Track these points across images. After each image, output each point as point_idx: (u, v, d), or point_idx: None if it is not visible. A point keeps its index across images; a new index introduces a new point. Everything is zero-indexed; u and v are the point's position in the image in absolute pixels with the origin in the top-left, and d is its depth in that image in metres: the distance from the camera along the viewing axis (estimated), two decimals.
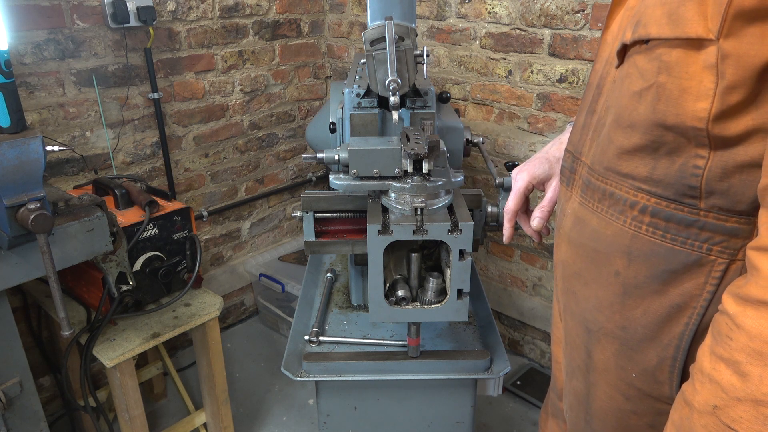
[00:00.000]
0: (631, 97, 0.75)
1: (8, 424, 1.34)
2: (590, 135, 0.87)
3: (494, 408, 2.36)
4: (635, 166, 0.76)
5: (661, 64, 0.69)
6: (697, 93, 0.66)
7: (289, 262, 2.88)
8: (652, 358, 0.80)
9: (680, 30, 0.66)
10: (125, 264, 1.58)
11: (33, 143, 1.14)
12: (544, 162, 1.08)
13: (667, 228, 0.74)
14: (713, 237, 0.71)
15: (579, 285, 0.89)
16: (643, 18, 0.71)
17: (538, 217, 1.08)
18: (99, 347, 1.61)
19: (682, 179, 0.71)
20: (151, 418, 2.22)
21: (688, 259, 0.73)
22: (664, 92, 0.70)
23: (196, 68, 2.36)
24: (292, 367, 1.38)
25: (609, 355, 0.85)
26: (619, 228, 0.79)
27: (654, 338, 0.79)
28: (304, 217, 1.32)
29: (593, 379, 0.90)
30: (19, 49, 1.83)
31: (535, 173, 1.08)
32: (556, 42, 2.08)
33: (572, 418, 1.00)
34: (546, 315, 2.46)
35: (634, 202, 0.77)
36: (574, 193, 0.91)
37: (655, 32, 0.69)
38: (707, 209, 0.71)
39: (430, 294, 1.18)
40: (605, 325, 0.85)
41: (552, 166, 1.07)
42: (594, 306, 0.86)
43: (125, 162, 2.23)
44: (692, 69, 0.66)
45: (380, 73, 1.19)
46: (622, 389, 0.85)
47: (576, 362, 0.94)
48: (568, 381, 0.99)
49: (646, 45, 0.72)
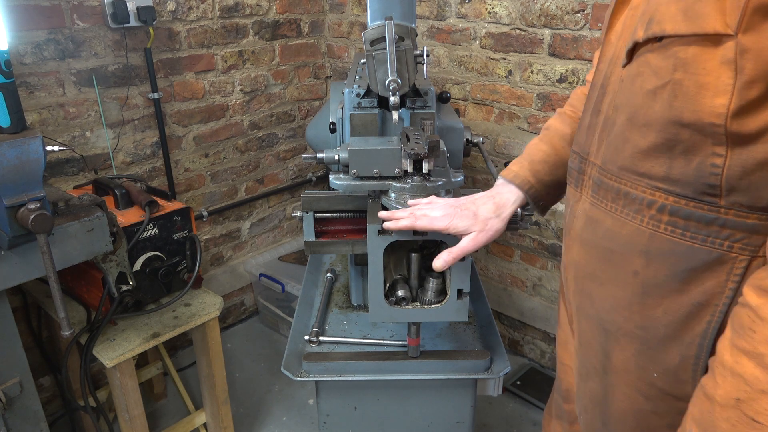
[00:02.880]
0: (645, 96, 0.74)
1: (8, 424, 1.34)
2: (597, 135, 0.87)
3: (494, 408, 2.36)
4: (651, 166, 0.76)
5: (677, 61, 0.69)
6: (715, 89, 0.66)
7: (289, 262, 2.88)
8: (674, 357, 0.79)
9: (697, 26, 0.66)
10: (125, 264, 1.58)
11: (33, 143, 1.14)
12: (470, 218, 1.03)
13: (687, 226, 0.74)
14: (734, 234, 0.70)
15: (594, 286, 0.88)
16: (657, 15, 0.71)
17: (443, 259, 1.04)
18: (99, 347, 1.61)
19: (701, 178, 0.71)
20: (151, 418, 2.22)
21: (708, 257, 0.73)
22: (680, 89, 0.69)
23: (196, 68, 2.36)
24: (292, 367, 1.38)
25: (628, 355, 0.84)
26: (636, 227, 0.79)
27: (676, 337, 0.78)
28: (304, 217, 1.32)
29: (611, 380, 0.89)
30: (19, 49, 1.83)
31: (457, 226, 1.02)
32: (556, 42, 2.08)
33: (587, 420, 0.98)
34: (546, 315, 2.46)
35: (652, 201, 0.76)
36: (583, 194, 0.91)
37: (670, 29, 0.69)
38: (727, 206, 0.70)
39: (430, 294, 1.18)
40: (624, 326, 0.84)
41: (474, 224, 1.03)
42: (611, 306, 0.85)
43: (125, 162, 2.23)
44: (709, 65, 0.66)
45: (380, 73, 1.19)
46: (642, 390, 0.85)
47: (591, 363, 0.93)
48: (583, 383, 0.97)
49: (659, 42, 0.71)
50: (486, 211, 1.05)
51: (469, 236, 1.03)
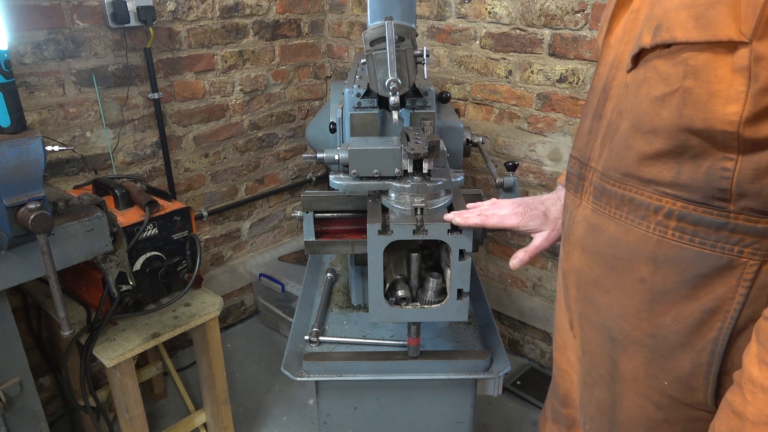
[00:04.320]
0: (652, 102, 0.73)
1: (8, 424, 1.34)
2: (599, 140, 0.86)
3: (494, 408, 2.36)
4: (658, 171, 0.75)
5: (687, 68, 0.68)
6: (727, 96, 0.65)
7: (289, 262, 2.88)
8: (686, 365, 0.78)
9: (710, 33, 0.65)
10: (125, 264, 1.58)
11: (33, 143, 1.14)
12: (540, 217, 1.08)
13: (696, 232, 0.73)
14: (744, 239, 0.70)
15: (598, 293, 0.87)
16: (666, 21, 0.70)
17: (519, 258, 1.08)
18: (99, 347, 1.61)
19: (711, 182, 0.70)
20: (151, 418, 2.22)
21: (718, 263, 0.72)
22: (690, 96, 0.68)
23: (196, 68, 2.36)
24: (292, 367, 1.38)
25: (638, 363, 0.83)
26: (642, 234, 0.78)
27: (687, 344, 0.77)
28: (304, 217, 1.32)
29: (619, 389, 0.88)
30: (19, 49, 1.83)
31: (528, 225, 1.08)
32: (556, 42, 2.08)
33: (594, 429, 0.97)
34: (546, 315, 2.46)
35: (659, 206, 0.75)
36: (584, 200, 0.90)
37: (681, 36, 0.67)
38: (737, 211, 0.69)
39: (430, 294, 1.18)
40: (632, 334, 0.83)
41: (545, 223, 1.08)
42: (618, 314, 0.84)
43: (125, 162, 2.23)
44: (721, 72, 0.65)
45: (380, 73, 1.19)
46: (653, 398, 0.83)
47: (598, 372, 0.91)
48: (588, 392, 0.96)
49: (668, 49, 0.70)
50: (556, 212, 1.09)
51: (542, 235, 1.08)
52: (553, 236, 1.09)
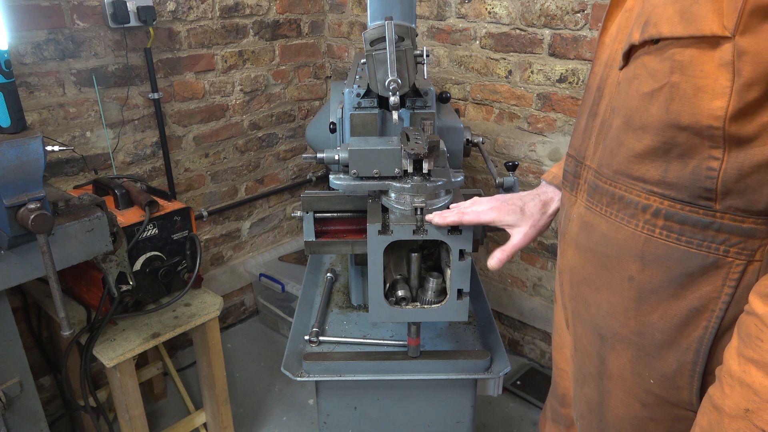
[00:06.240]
0: (642, 99, 0.74)
1: (8, 424, 1.34)
2: (594, 138, 0.86)
3: (494, 408, 2.36)
4: (647, 170, 0.75)
5: (674, 64, 0.68)
6: (713, 91, 0.65)
7: (289, 262, 2.88)
8: (671, 364, 0.78)
9: (694, 28, 0.65)
10: (125, 264, 1.58)
11: (33, 143, 1.14)
12: (516, 212, 1.06)
13: (682, 231, 0.73)
14: (730, 238, 0.70)
15: (589, 291, 0.88)
16: (653, 17, 0.70)
17: (497, 258, 1.08)
18: (99, 347, 1.61)
19: (697, 181, 0.70)
20: (151, 418, 2.22)
21: (704, 262, 0.72)
22: (677, 92, 0.69)
23: (196, 68, 2.36)
24: (292, 367, 1.38)
25: (624, 361, 0.84)
26: (631, 232, 0.78)
27: (672, 343, 0.77)
28: (304, 217, 1.32)
29: (607, 386, 0.88)
30: (19, 49, 1.83)
31: (504, 220, 1.06)
32: (556, 42, 2.08)
33: (584, 426, 0.98)
34: (546, 315, 2.46)
35: (647, 205, 0.76)
36: (579, 197, 0.90)
37: (667, 31, 0.68)
38: (723, 210, 0.70)
39: (430, 294, 1.18)
40: (620, 331, 0.83)
41: (522, 219, 1.06)
42: (607, 312, 0.85)
43: (125, 162, 2.23)
44: (707, 67, 0.65)
45: (380, 73, 1.19)
46: (639, 396, 0.84)
47: (588, 369, 0.92)
48: (579, 389, 0.97)
49: (656, 45, 0.71)
50: (533, 207, 1.08)
51: (519, 231, 1.06)
52: (531, 233, 1.06)
